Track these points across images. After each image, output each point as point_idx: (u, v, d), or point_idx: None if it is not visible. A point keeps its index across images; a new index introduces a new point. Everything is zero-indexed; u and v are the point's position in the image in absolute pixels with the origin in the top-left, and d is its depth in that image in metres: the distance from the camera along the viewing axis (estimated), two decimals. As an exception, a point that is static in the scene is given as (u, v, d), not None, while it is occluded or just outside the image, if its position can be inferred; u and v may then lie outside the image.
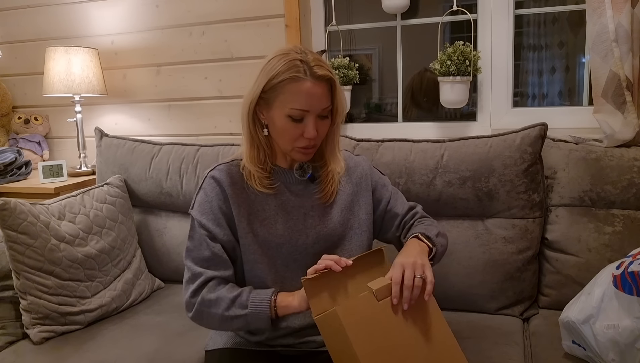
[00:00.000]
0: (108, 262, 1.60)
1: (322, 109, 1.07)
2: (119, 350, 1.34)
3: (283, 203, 1.16)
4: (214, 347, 1.21)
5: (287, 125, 1.07)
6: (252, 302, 1.07)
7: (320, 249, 1.15)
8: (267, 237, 1.14)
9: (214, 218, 1.13)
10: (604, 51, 1.51)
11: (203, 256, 1.12)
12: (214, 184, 1.14)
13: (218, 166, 1.18)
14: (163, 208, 1.86)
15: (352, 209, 1.21)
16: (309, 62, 1.05)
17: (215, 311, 1.08)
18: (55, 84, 2.08)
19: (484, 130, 1.88)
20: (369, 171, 1.26)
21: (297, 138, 1.08)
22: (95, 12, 2.27)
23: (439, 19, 1.87)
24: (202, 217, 1.13)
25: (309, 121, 1.06)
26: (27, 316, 1.41)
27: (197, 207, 1.15)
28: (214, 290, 1.10)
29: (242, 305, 1.07)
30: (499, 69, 1.85)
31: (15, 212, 1.40)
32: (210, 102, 2.18)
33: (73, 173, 2.19)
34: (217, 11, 2.09)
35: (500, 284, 1.48)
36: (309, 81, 1.04)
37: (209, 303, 1.09)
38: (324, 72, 1.05)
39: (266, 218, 1.14)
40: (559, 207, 1.52)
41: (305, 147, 1.09)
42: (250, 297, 1.08)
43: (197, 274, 1.11)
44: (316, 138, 1.08)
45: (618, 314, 1.05)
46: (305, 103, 1.05)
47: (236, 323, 1.08)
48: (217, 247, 1.12)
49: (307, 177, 1.18)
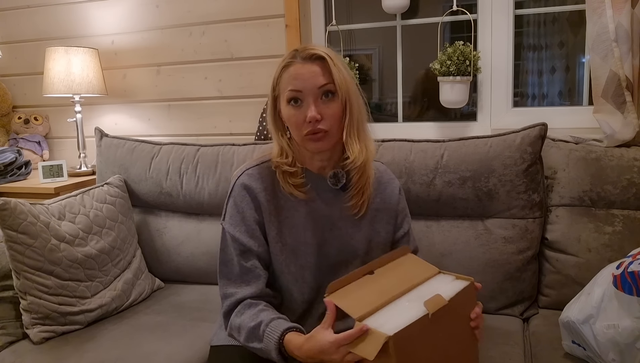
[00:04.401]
0: (108, 262, 1.60)
1: (319, 88, 1.05)
2: (119, 350, 1.34)
3: (313, 210, 1.14)
4: (219, 343, 1.21)
5: (290, 112, 1.06)
6: (266, 337, 1.02)
7: (342, 260, 1.15)
8: (294, 245, 1.12)
9: (247, 230, 1.10)
10: (604, 51, 1.51)
11: (235, 272, 1.10)
12: (244, 192, 1.11)
13: (247, 170, 1.14)
14: (163, 208, 1.86)
15: (375, 225, 1.19)
16: (301, 48, 1.07)
17: (239, 338, 1.08)
18: (55, 84, 2.08)
19: (484, 130, 1.88)
20: (399, 193, 1.24)
21: (302, 124, 1.06)
22: (95, 12, 2.27)
23: (439, 19, 1.87)
24: (234, 230, 1.10)
25: (309, 102, 1.05)
26: (27, 317, 1.41)
27: (229, 219, 1.11)
28: (240, 315, 1.07)
29: (258, 338, 1.04)
30: (499, 69, 1.85)
31: (15, 212, 1.40)
32: (210, 102, 2.18)
33: (73, 173, 2.20)
34: (217, 11, 2.09)
35: (500, 284, 1.48)
36: (298, 63, 1.05)
37: (234, 329, 1.09)
38: (314, 52, 1.05)
39: (295, 225, 1.12)
40: (559, 207, 1.52)
41: (313, 132, 1.05)
42: (265, 332, 1.03)
43: (228, 295, 1.10)
44: (322, 121, 1.05)
45: (618, 314, 1.05)
46: (297, 83, 1.05)
47: (257, 352, 1.06)
48: (250, 262, 1.10)
49: (339, 186, 1.14)
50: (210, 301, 1.62)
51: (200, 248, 1.76)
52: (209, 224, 1.78)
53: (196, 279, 1.78)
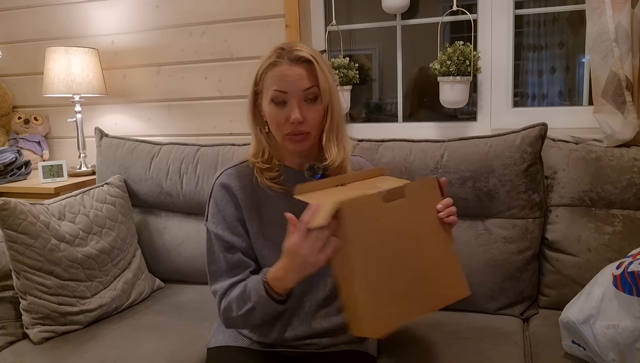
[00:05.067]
0: (108, 262, 1.60)
1: (304, 91, 1.05)
2: (119, 350, 1.34)
3: (293, 204, 1.12)
4: (216, 345, 1.21)
5: (272, 111, 1.07)
6: (252, 292, 1.05)
7: None
8: (276, 240, 1.11)
9: (229, 226, 1.12)
10: (604, 51, 1.51)
11: (222, 268, 1.12)
12: (223, 191, 1.13)
13: (225, 170, 1.17)
14: (163, 208, 1.86)
15: None
16: (287, 47, 1.06)
17: (233, 315, 1.09)
18: (55, 84, 2.08)
19: (484, 130, 1.88)
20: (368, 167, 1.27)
21: (283, 124, 1.07)
22: (95, 12, 2.27)
23: (439, 19, 1.87)
24: (217, 228, 1.12)
25: (292, 104, 1.05)
26: (27, 317, 1.41)
27: (211, 218, 1.14)
28: (228, 295, 1.10)
29: (247, 299, 1.06)
30: (499, 69, 1.85)
31: (15, 212, 1.40)
32: (210, 102, 2.18)
33: (73, 173, 2.19)
34: (217, 11, 2.09)
35: (500, 284, 1.48)
36: (285, 63, 1.05)
37: (226, 311, 1.10)
38: (302, 54, 1.05)
39: (275, 220, 1.13)
40: (559, 207, 1.52)
41: (294, 133, 1.07)
42: (249, 288, 1.07)
43: (218, 289, 1.12)
44: (304, 123, 1.06)
45: (618, 314, 1.05)
46: (283, 85, 1.05)
47: (254, 317, 1.07)
48: (235, 256, 1.12)
49: (317, 178, 1.15)
50: (210, 301, 1.60)
51: (200, 248, 1.76)
52: (209, 224, 1.78)
53: (196, 279, 1.78)
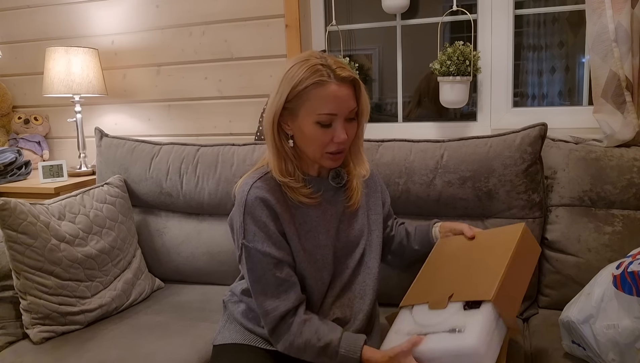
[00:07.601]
0: (108, 262, 1.60)
1: (349, 111, 1.06)
2: (119, 350, 1.34)
3: (322, 212, 1.15)
4: (223, 342, 1.21)
5: (316, 132, 1.05)
6: (342, 354, 1.05)
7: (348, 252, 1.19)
8: (313, 250, 1.13)
9: (275, 242, 1.08)
10: (603, 51, 1.51)
11: (271, 286, 1.08)
12: (262, 206, 1.07)
13: (255, 183, 1.10)
14: (163, 208, 1.85)
15: (368, 211, 1.24)
16: (330, 65, 1.03)
17: (302, 355, 1.08)
18: (55, 84, 2.08)
19: (484, 130, 1.88)
20: (376, 172, 1.30)
21: (327, 144, 1.06)
22: (95, 12, 2.27)
23: (439, 19, 1.88)
24: (263, 246, 1.07)
25: (338, 125, 1.05)
26: (27, 316, 1.41)
27: (253, 237, 1.08)
28: (300, 335, 1.06)
29: (331, 356, 1.06)
30: (499, 69, 1.85)
31: (15, 212, 1.40)
32: (210, 102, 2.18)
33: (73, 173, 2.20)
34: (217, 11, 2.09)
35: (500, 284, 1.48)
36: (333, 83, 1.03)
37: (298, 348, 1.07)
38: (347, 73, 1.04)
39: (310, 230, 1.13)
40: (558, 207, 1.52)
41: (336, 152, 1.08)
42: (339, 352, 1.05)
43: (270, 310, 1.08)
44: (346, 142, 1.07)
45: (618, 314, 1.05)
46: (333, 107, 1.03)
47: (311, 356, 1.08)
48: (284, 272, 1.09)
49: (342, 184, 1.18)
50: (210, 301, 1.62)
51: (200, 248, 1.76)
52: (209, 224, 1.78)
53: (196, 279, 1.78)
